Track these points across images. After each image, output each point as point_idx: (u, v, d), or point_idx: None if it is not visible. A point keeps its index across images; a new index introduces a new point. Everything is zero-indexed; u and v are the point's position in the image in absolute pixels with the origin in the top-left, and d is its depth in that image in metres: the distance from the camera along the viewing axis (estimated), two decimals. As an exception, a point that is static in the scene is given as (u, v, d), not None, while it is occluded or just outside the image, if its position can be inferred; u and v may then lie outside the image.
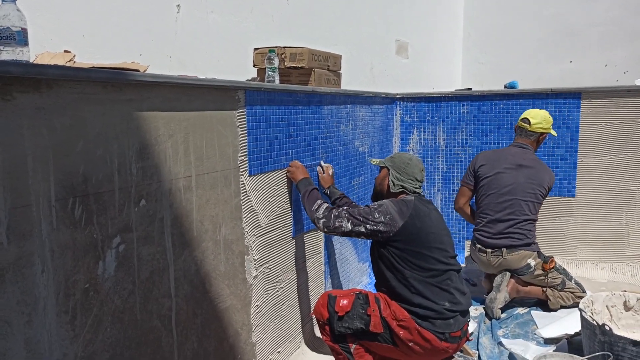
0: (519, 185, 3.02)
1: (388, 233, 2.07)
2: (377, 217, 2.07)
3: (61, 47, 2.24)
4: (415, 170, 2.27)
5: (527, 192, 3.01)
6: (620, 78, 6.18)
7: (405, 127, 4.07)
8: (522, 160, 3.09)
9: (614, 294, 2.51)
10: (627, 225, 3.57)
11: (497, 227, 3.03)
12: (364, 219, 2.08)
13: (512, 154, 3.14)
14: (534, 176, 3.04)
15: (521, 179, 3.03)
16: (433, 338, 2.01)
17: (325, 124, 2.78)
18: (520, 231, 2.97)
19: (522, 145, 3.16)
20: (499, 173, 3.08)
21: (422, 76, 6.46)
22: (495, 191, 3.08)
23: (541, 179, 3.04)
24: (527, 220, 3.00)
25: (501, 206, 3.03)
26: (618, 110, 3.49)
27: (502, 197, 3.04)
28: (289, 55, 2.72)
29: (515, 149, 3.17)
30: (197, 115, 1.77)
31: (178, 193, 1.70)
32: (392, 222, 2.06)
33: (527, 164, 3.07)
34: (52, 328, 1.29)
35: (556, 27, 6.81)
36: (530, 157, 3.12)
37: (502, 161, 3.12)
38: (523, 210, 2.99)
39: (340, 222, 2.10)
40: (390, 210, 2.09)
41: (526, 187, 3.01)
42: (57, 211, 1.29)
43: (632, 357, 2.03)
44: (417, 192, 2.28)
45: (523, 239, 2.97)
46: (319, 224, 2.15)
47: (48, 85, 1.26)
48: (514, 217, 2.99)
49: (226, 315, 1.98)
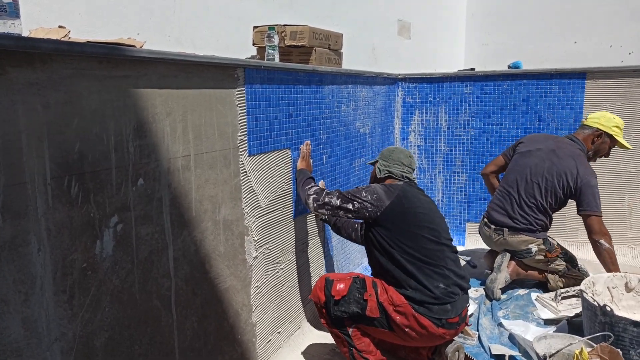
0: (539, 168, 2.91)
1: (375, 212, 2.09)
2: (365, 195, 2.12)
3: (56, 25, 2.19)
4: (401, 155, 2.32)
5: (545, 178, 2.88)
6: (625, 59, 6.09)
7: (406, 108, 4.02)
8: (559, 147, 2.94)
9: (615, 275, 2.51)
10: (630, 208, 3.55)
11: (505, 205, 2.99)
12: (352, 197, 2.13)
13: (555, 140, 3.01)
14: (559, 165, 2.86)
15: (545, 164, 2.90)
16: (429, 324, 1.99)
17: (326, 104, 2.74)
18: (525, 215, 2.92)
19: (572, 137, 3.00)
20: (530, 151, 3.01)
21: (425, 57, 6.37)
22: (516, 168, 3.02)
23: (566, 170, 2.83)
24: (535, 206, 2.90)
25: (517, 183, 2.97)
26: (623, 91, 3.44)
27: (519, 176, 2.97)
28: (289, 34, 2.67)
29: (563, 137, 3.05)
30: (195, 93, 1.74)
31: (176, 172, 1.67)
32: (379, 201, 2.09)
33: (560, 152, 2.91)
34: (50, 307, 1.28)
35: (560, 7, 6.70)
36: (571, 148, 2.92)
37: (540, 143, 3.01)
38: (534, 194, 2.90)
39: (330, 198, 2.15)
40: (378, 191, 2.13)
41: (545, 173, 2.88)
42: (53, 189, 1.27)
43: (632, 338, 2.03)
44: (407, 177, 2.29)
45: (526, 224, 2.91)
46: (309, 200, 2.18)
47: (42, 60, 1.22)
48: (524, 199, 2.93)
49: (226, 295, 1.98)
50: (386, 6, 5.51)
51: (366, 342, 2.09)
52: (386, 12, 5.53)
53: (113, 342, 1.47)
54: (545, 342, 2.17)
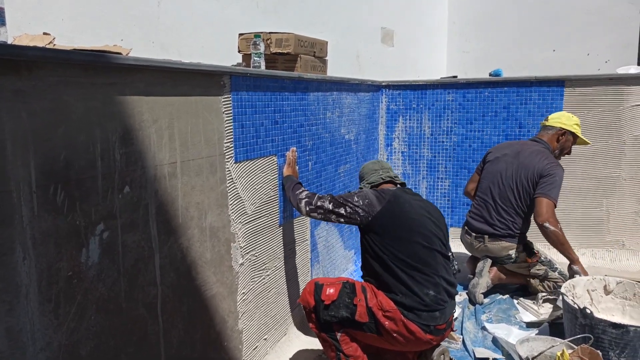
0: (509, 172, 2.98)
1: (367, 217, 2.11)
2: (356, 200, 2.14)
3: (40, 31, 2.18)
4: (369, 165, 2.44)
5: (515, 180, 2.95)
6: (602, 67, 6.26)
7: (390, 114, 4.07)
8: (523, 149, 3.01)
9: (595, 278, 2.57)
10: (608, 212, 3.64)
11: (483, 212, 3.05)
12: (344, 201, 2.15)
13: (520, 144, 3.10)
14: (526, 164, 2.93)
15: (513, 166, 2.97)
16: (417, 330, 2.00)
17: (312, 111, 2.76)
18: (503, 220, 2.97)
19: (537, 139, 3.08)
20: (497, 158, 3.09)
21: (408, 64, 6.45)
22: (488, 176, 3.09)
23: (533, 168, 2.89)
24: (514, 210, 2.96)
25: (489, 192, 3.04)
26: (600, 98, 3.54)
27: (491, 183, 3.05)
28: (274, 41, 2.69)
29: (528, 141, 3.14)
30: (182, 101, 1.74)
31: (163, 180, 1.67)
32: (370, 207, 2.12)
33: (526, 153, 2.98)
34: (35, 316, 1.27)
35: (540, 16, 6.86)
36: (535, 148, 3.00)
37: (506, 149, 3.10)
38: (508, 198, 2.97)
39: (322, 202, 2.18)
40: (370, 196, 2.16)
41: (515, 175, 2.96)
42: (39, 197, 1.26)
43: (611, 339, 2.08)
44: (390, 177, 2.35)
45: (505, 229, 2.96)
46: (301, 204, 2.20)
47: (27, 67, 1.22)
48: (499, 204, 2.99)
49: (213, 302, 1.97)
50: (370, 14, 5.58)
51: (354, 347, 2.10)
52: (370, 20, 5.60)
53: (99, 351, 1.46)
54: (528, 345, 2.21)
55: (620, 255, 3.62)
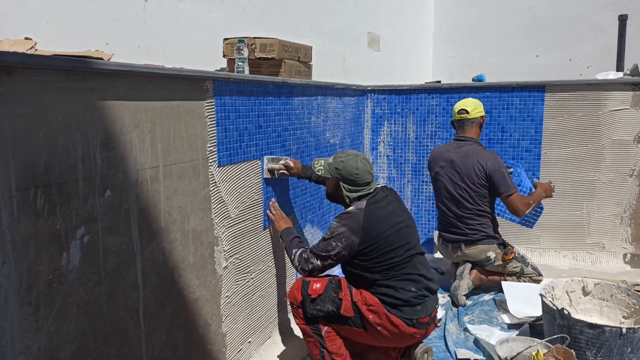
0: (451, 182, 3.08)
1: (352, 252, 2.13)
2: (335, 244, 2.13)
3: (23, 35, 2.18)
4: (365, 175, 2.21)
5: (464, 190, 3.04)
6: (583, 72, 6.37)
7: (376, 119, 4.11)
8: (455, 155, 3.10)
9: (574, 279, 2.62)
10: (588, 215, 3.71)
11: (449, 223, 3.14)
12: (326, 253, 2.15)
13: (448, 151, 3.17)
14: (464, 170, 3.03)
15: (455, 179, 3.07)
16: (401, 323, 2.08)
17: (296, 115, 2.78)
18: (470, 225, 3.05)
19: (460, 138, 3.15)
20: (437, 173, 3.18)
21: (394, 69, 6.52)
22: (437, 190, 3.20)
23: (471, 170, 3.00)
24: (475, 214, 3.04)
25: (446, 203, 3.14)
26: (580, 103, 3.61)
27: (444, 198, 3.14)
28: (259, 46, 2.71)
29: (453, 144, 3.20)
30: (164, 105, 1.75)
31: (145, 184, 1.68)
32: (350, 243, 2.11)
33: (458, 159, 3.06)
34: (14, 320, 1.27)
35: (524, 21, 6.98)
36: (465, 149, 3.08)
37: (439, 160, 3.18)
38: (464, 205, 3.05)
39: (312, 265, 2.18)
40: (344, 233, 2.11)
41: (462, 185, 3.04)
42: (18, 201, 1.26)
43: (588, 339, 2.13)
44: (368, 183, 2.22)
45: (478, 233, 3.04)
46: (299, 271, 2.25)
47: (7, 72, 1.23)
48: (459, 213, 3.08)
49: (196, 306, 1.98)
50: (356, 19, 5.63)
51: (338, 344, 2.16)
52: (356, 25, 5.65)
53: (79, 355, 1.46)
54: (507, 346, 2.25)
55: (601, 257, 3.69)
